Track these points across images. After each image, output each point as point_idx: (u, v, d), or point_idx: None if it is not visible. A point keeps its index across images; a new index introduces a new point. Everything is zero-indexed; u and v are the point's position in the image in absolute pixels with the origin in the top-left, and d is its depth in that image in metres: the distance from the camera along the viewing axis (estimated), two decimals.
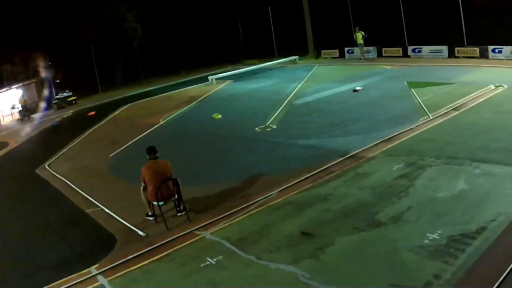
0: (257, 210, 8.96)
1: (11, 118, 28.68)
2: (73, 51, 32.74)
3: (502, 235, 6.61)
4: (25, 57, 31.48)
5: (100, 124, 21.63)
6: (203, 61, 37.12)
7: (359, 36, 27.61)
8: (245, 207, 9.09)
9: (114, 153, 15.37)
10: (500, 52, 22.16)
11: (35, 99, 30.97)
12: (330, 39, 31.11)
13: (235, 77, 28.62)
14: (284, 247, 7.33)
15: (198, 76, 32.15)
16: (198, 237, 8.18)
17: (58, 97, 30.39)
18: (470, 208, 7.54)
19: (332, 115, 15.74)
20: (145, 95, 28.92)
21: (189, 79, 32.39)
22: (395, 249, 6.70)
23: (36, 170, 14.79)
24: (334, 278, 6.29)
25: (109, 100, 29.32)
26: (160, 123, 19.08)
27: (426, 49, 25.92)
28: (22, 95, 28.40)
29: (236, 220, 8.64)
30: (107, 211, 10.20)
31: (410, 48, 26.87)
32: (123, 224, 9.35)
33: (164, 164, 9.09)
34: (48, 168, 14.87)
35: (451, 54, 24.49)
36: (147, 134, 17.42)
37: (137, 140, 16.60)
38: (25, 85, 30.61)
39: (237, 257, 7.27)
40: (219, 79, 28.35)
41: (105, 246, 8.45)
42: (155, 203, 8.92)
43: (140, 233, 8.79)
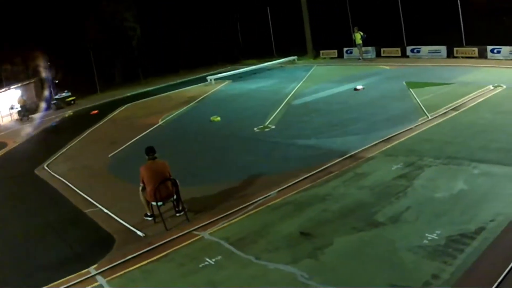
0: (256, 210, 8.96)
1: (10, 118, 28.68)
2: (72, 51, 32.75)
3: (501, 235, 6.60)
4: (25, 57, 31.46)
5: (99, 124, 21.62)
6: (202, 61, 37.14)
7: (357, 36, 27.58)
8: (244, 207, 9.09)
9: (113, 153, 15.36)
10: (499, 52, 22.15)
11: (34, 99, 30.98)
12: (328, 39, 31.11)
13: (234, 77, 28.60)
14: (283, 247, 7.32)
15: (197, 76, 32.11)
16: (197, 237, 8.18)
17: (57, 97, 30.38)
18: (469, 208, 7.54)
19: (331, 115, 15.74)
20: (144, 95, 28.91)
21: (188, 79, 32.36)
22: (393, 249, 6.70)
23: (35, 171, 14.78)
24: (332, 278, 6.29)
25: (108, 100, 29.30)
26: (159, 123, 19.07)
27: (424, 49, 25.89)
28: (21, 95, 28.38)
29: (235, 220, 8.63)
30: (106, 211, 10.19)
31: (408, 48, 26.84)
32: (122, 224, 9.35)
33: (163, 164, 9.08)
34: (47, 168, 14.86)
35: (450, 54, 24.47)
36: (146, 134, 17.41)
37: (136, 140, 16.59)
38: (24, 85, 30.63)
39: (236, 257, 7.27)
40: (218, 79, 28.32)
41: (104, 246, 8.44)
42: (154, 204, 8.90)
43: (139, 233, 8.78)
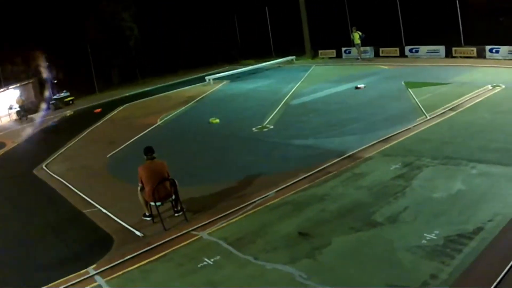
0: (254, 210, 8.96)
1: (8, 118, 28.62)
2: (72, 51, 32.72)
3: (499, 235, 6.61)
4: (25, 57, 31.41)
5: (97, 124, 21.59)
6: (200, 61, 37.12)
7: (356, 36, 27.61)
8: (242, 207, 9.09)
9: (112, 153, 15.35)
10: (497, 52, 22.18)
11: (32, 99, 30.93)
12: (327, 39, 31.12)
13: (232, 77, 28.61)
14: (281, 247, 7.33)
15: (195, 76, 32.11)
16: (196, 238, 8.18)
17: (55, 97, 30.32)
18: (467, 209, 7.55)
19: (329, 115, 15.76)
20: (142, 95, 28.89)
21: (186, 79, 32.35)
22: (392, 249, 6.71)
23: (34, 171, 14.76)
24: (331, 278, 6.29)
25: (106, 100, 29.23)
26: (158, 123, 19.07)
27: (423, 49, 25.93)
28: (20, 95, 28.34)
29: (233, 221, 8.64)
30: (105, 211, 10.19)
31: (407, 48, 26.88)
32: (120, 225, 9.34)
33: (161, 164, 9.08)
34: (45, 168, 14.85)
35: (448, 54, 24.50)
36: (145, 134, 17.40)
37: (135, 140, 16.58)
38: (23, 85, 30.56)
39: (234, 257, 7.27)
40: (216, 79, 28.32)
41: (102, 246, 8.44)
42: (153, 204, 8.91)
43: (138, 233, 8.78)
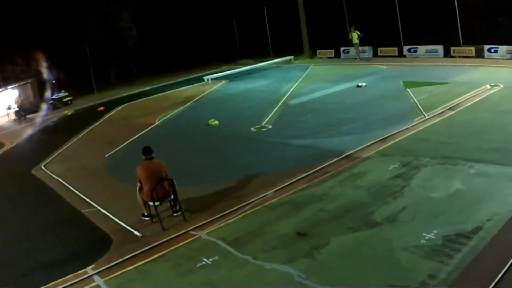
0: (252, 210, 8.96)
1: (7, 118, 28.59)
2: (71, 51, 32.69)
3: (498, 235, 6.62)
4: (24, 57, 31.37)
5: (96, 125, 21.59)
6: (199, 61, 37.12)
7: (354, 35, 27.63)
8: (240, 207, 9.09)
9: (110, 153, 15.34)
10: (495, 51, 22.21)
11: (31, 99, 30.89)
12: (325, 39, 31.14)
13: (230, 77, 28.60)
14: (279, 247, 7.33)
15: (194, 76, 32.12)
16: (194, 237, 8.18)
17: (54, 97, 30.31)
18: (466, 208, 7.55)
19: (327, 115, 15.75)
20: (141, 95, 28.89)
21: (185, 79, 32.34)
22: (390, 249, 6.71)
23: (32, 171, 14.75)
24: (329, 278, 6.29)
25: (105, 100, 29.19)
26: (156, 123, 19.06)
27: (421, 48, 25.94)
28: (19, 96, 28.32)
29: (231, 220, 8.64)
30: (103, 211, 10.19)
31: (405, 48, 26.89)
32: (119, 225, 9.34)
33: (159, 164, 9.07)
34: (44, 168, 14.83)
35: (447, 54, 24.52)
36: (143, 134, 17.40)
37: (133, 140, 16.58)
38: (21, 85, 30.54)
39: (232, 257, 7.27)
40: (214, 79, 28.32)
41: (101, 246, 8.44)
42: (151, 204, 8.90)
43: (136, 233, 8.77)
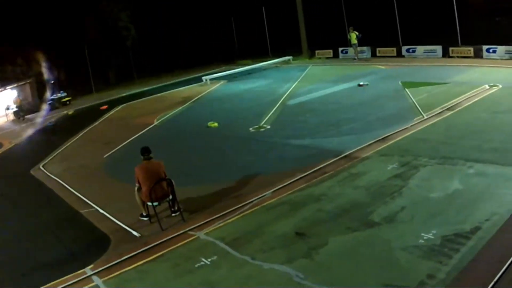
0: (251, 210, 8.95)
1: (6, 118, 28.57)
2: (70, 51, 32.68)
3: (497, 235, 6.62)
4: (23, 57, 31.33)
5: (94, 125, 21.58)
6: (198, 61, 37.13)
7: (353, 36, 27.61)
8: (239, 207, 9.08)
9: (109, 154, 15.33)
10: (494, 52, 22.23)
11: (29, 99, 30.87)
12: (324, 39, 31.14)
13: (229, 78, 28.60)
14: (278, 247, 7.32)
15: (192, 77, 32.12)
16: (193, 238, 8.17)
17: (52, 97, 30.30)
18: (464, 208, 7.56)
19: (326, 115, 15.75)
20: (139, 95, 28.89)
21: (183, 79, 32.35)
22: (389, 249, 6.71)
23: (31, 171, 14.73)
24: (327, 278, 6.29)
25: (103, 101, 29.15)
26: (154, 124, 19.05)
27: (420, 49, 25.96)
28: (17, 96, 28.29)
29: (230, 220, 8.63)
30: (102, 211, 10.18)
31: (404, 48, 26.91)
32: (117, 225, 9.33)
33: (158, 164, 9.06)
34: (42, 168, 14.82)
35: (445, 54, 24.54)
36: (142, 134, 17.39)
37: (132, 140, 16.57)
38: (20, 85, 30.52)
39: (231, 257, 7.27)
40: (213, 79, 28.32)
41: (99, 246, 8.43)
42: (150, 204, 8.90)
43: (135, 233, 8.76)
